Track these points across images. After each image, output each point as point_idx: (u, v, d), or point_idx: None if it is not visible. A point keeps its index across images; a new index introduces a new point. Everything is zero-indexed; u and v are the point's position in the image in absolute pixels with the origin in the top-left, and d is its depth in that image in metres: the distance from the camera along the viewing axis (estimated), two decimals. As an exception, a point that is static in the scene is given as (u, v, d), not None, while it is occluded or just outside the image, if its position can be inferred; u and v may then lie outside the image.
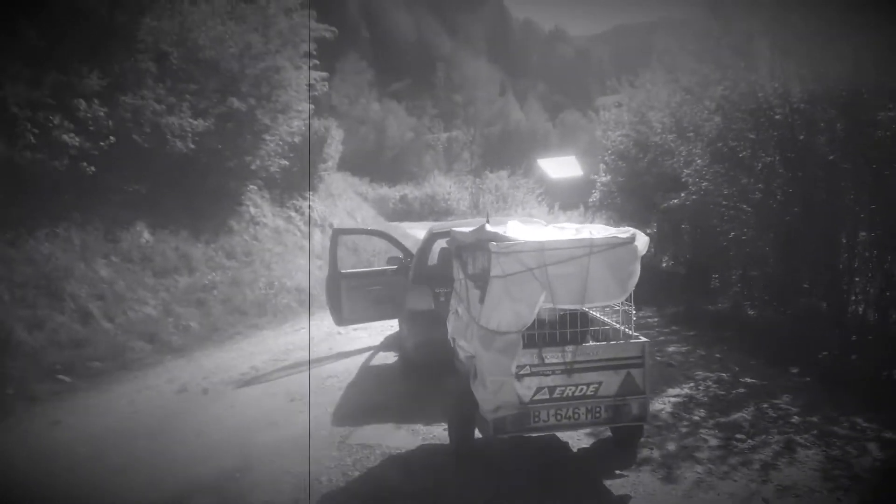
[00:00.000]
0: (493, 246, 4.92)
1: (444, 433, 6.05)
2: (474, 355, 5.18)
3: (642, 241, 5.14)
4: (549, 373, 5.05)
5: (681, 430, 6.17)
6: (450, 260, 6.64)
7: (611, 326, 5.66)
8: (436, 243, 8.30)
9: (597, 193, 19.14)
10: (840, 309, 8.94)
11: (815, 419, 6.28)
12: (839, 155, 9.24)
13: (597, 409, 5.17)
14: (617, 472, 5.33)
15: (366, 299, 9.19)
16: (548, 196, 32.78)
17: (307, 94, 17.26)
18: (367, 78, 52.08)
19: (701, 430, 6.17)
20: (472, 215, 27.69)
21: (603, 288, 5.00)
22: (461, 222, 9.14)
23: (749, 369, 7.95)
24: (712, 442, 5.89)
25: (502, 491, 5.13)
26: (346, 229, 15.46)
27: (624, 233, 5.13)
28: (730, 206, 11.70)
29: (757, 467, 5.34)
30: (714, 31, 11.10)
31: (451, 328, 6.17)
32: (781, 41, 10.02)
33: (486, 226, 5.28)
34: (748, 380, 7.57)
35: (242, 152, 15.02)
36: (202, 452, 6.08)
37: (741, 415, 6.48)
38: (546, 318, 5.40)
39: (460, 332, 5.77)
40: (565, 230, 5.71)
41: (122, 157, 12.13)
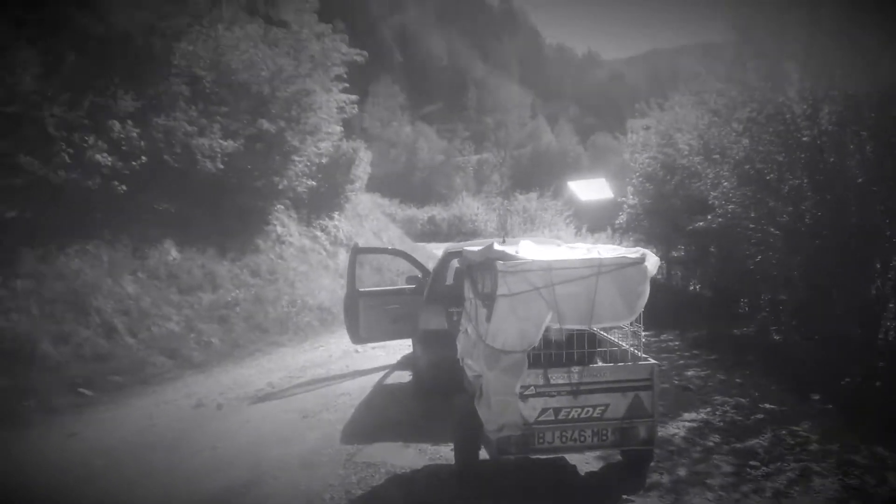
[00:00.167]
0: (499, 264, 4.91)
1: (451, 453, 5.97)
2: (480, 374, 5.15)
3: (652, 261, 5.08)
4: (555, 394, 4.99)
5: (693, 456, 6.02)
6: (463, 279, 6.63)
7: (619, 348, 5.58)
8: (452, 263, 8.30)
9: (623, 216, 19.01)
10: (870, 335, 8.66)
11: (835, 447, 6.07)
12: (870, 178, 9.04)
13: (603, 431, 5.08)
14: (624, 496, 5.21)
15: (383, 318, 9.20)
16: (576, 218, 32.65)
17: (336, 116, 17.58)
18: (400, 101, 52.73)
19: (714, 455, 6.01)
20: (499, 237, 27.62)
21: (611, 308, 4.95)
22: (477, 242, 9.12)
23: (769, 395, 7.74)
24: (725, 468, 5.73)
25: (505, 513, 5.06)
26: (365, 248, 15.52)
27: (633, 253, 5.07)
28: (757, 230, 11.50)
29: (769, 495, 5.19)
30: (742, 55, 11.00)
31: (461, 347, 6.15)
32: (812, 63, 9.92)
33: (495, 244, 5.27)
34: (767, 406, 7.37)
35: (271, 173, 15.25)
36: (213, 466, 6.13)
37: (757, 441, 6.30)
38: (553, 338, 5.34)
39: (468, 351, 5.75)
40: (576, 250, 5.68)
41: (153, 176, 12.45)
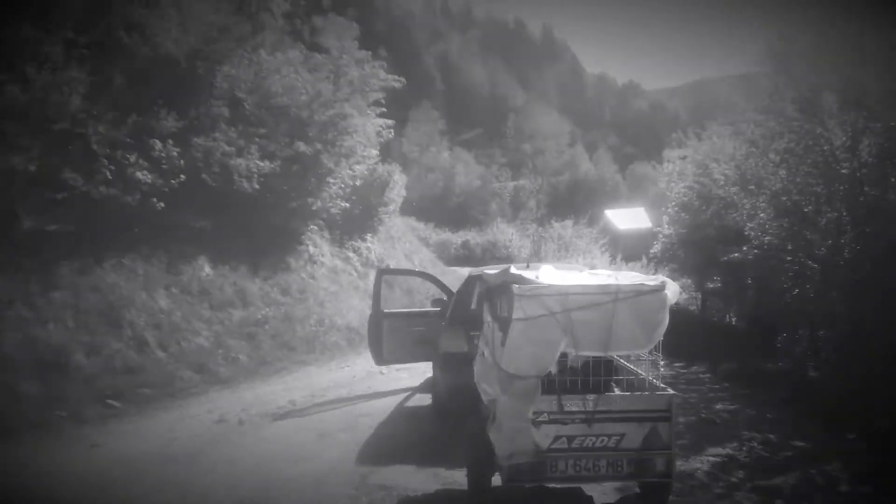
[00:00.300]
0: (516, 288, 4.87)
1: (465, 478, 5.87)
2: (494, 399, 5.08)
3: (672, 290, 4.97)
4: (569, 421, 4.89)
5: (715, 492, 5.83)
6: (482, 302, 6.59)
7: (636, 376, 5.45)
8: (474, 286, 8.26)
9: (658, 245, 18.75)
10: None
11: (867, 489, 5.81)
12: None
13: (619, 462, 4.95)
14: (641, 531, 5.06)
15: (407, 340, 9.20)
16: (611, 247, 32.24)
17: (371, 139, 17.82)
18: (439, 127, 53.14)
19: (737, 492, 5.80)
20: (535, 262, 27.42)
21: (629, 336, 4.84)
22: (504, 266, 9.04)
23: (801, 432, 7.45)
24: (747, 507, 5.53)
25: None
26: (391, 269, 15.60)
27: (653, 281, 4.98)
28: (794, 262, 11.21)
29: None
30: (778, 85, 10.85)
31: (477, 371, 6.08)
32: (851, 94, 9.72)
33: (512, 268, 5.23)
34: (798, 443, 7.09)
35: (306, 194, 15.47)
36: (228, 482, 6.16)
37: (784, 479, 6.05)
38: (570, 364, 5.25)
39: (484, 374, 5.68)
40: (597, 276, 5.61)
41: (191, 194, 12.78)
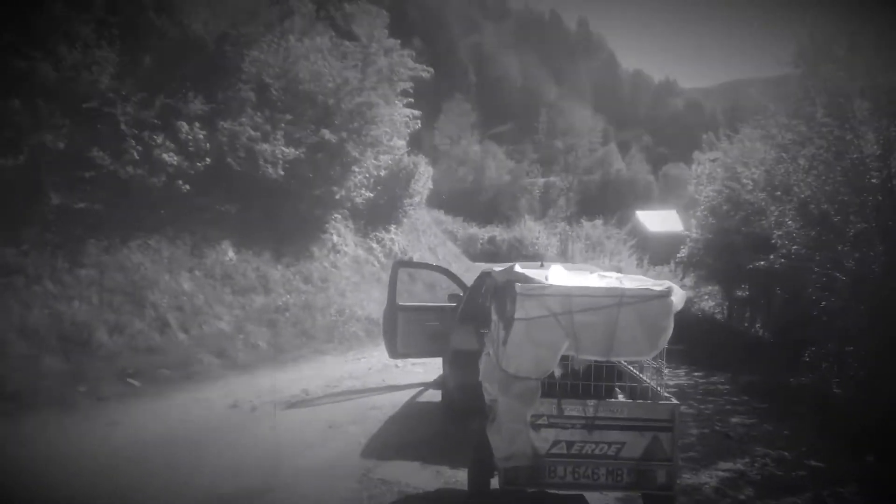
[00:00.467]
0: (518, 287, 4.81)
1: (467, 478, 5.86)
2: (495, 399, 5.04)
3: (679, 296, 4.85)
4: (569, 426, 4.81)
5: (721, 508, 5.70)
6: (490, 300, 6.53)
7: (639, 384, 5.34)
8: (487, 283, 8.19)
9: (685, 249, 18.47)
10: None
11: (879, 515, 5.63)
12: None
13: (619, 471, 4.85)
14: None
15: (421, 334, 9.16)
16: (639, 249, 31.88)
17: (398, 129, 17.82)
18: (471, 120, 52.94)
19: (743, 510, 5.68)
20: (560, 261, 27.26)
21: (632, 341, 4.75)
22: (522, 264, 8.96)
23: (818, 451, 7.25)
24: (753, 525, 5.40)
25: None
26: (407, 262, 15.57)
27: (659, 286, 4.87)
28: (822, 273, 10.92)
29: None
30: (808, 89, 10.54)
31: (482, 369, 6.03)
32: (884, 101, 9.41)
33: (517, 266, 5.17)
34: (813, 462, 6.90)
35: (330, 182, 15.55)
36: (233, 468, 6.21)
37: (794, 500, 5.89)
38: (575, 368, 5.16)
39: (487, 374, 5.63)
40: (606, 279, 5.51)
41: (216, 178, 12.94)
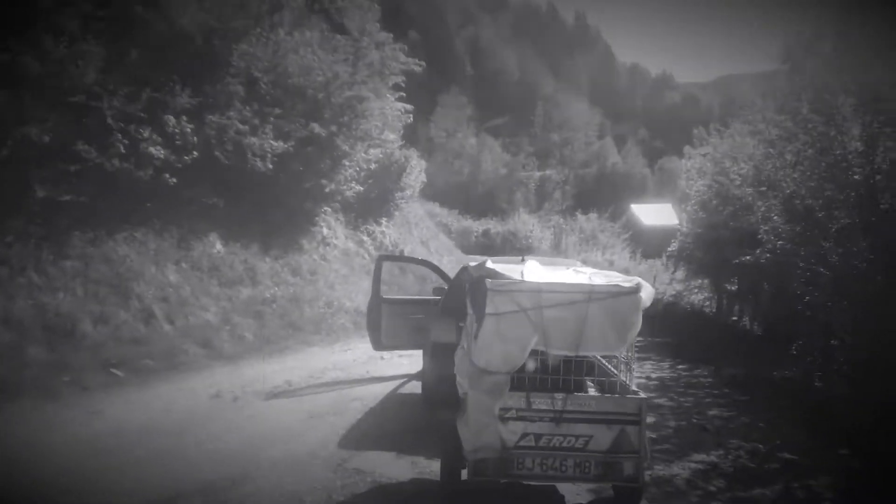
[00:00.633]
0: (488, 283, 4.87)
1: (441, 469, 5.93)
2: (466, 392, 5.10)
3: (647, 292, 4.92)
4: (536, 419, 4.88)
5: (691, 500, 5.76)
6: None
7: (607, 378, 5.39)
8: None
9: (676, 243, 18.54)
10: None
11: (847, 507, 5.70)
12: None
13: (586, 463, 4.92)
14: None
15: (405, 326, 9.23)
16: (633, 242, 31.96)
17: (390, 123, 17.82)
18: (467, 113, 52.86)
19: (713, 502, 5.73)
20: (552, 255, 27.33)
21: (600, 337, 4.81)
22: (503, 259, 9.00)
23: (792, 444, 7.31)
24: (721, 516, 5.47)
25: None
26: (389, 256, 15.58)
27: (628, 282, 4.93)
28: (806, 268, 10.98)
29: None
30: (794, 85, 10.59)
31: (457, 362, 6.09)
32: (867, 96, 9.45)
33: (489, 262, 5.22)
34: (786, 455, 6.97)
35: (320, 175, 15.55)
36: (212, 457, 6.27)
37: (763, 492, 5.96)
38: (545, 361, 5.20)
39: (461, 367, 5.69)
40: (581, 274, 5.55)
41: (204, 171, 12.94)
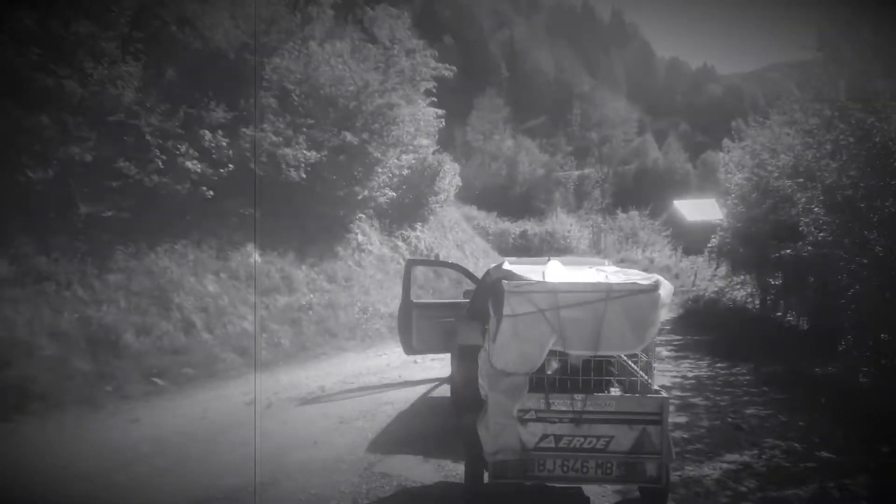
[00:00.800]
0: (505, 284, 4.87)
1: (467, 472, 5.94)
2: (486, 394, 5.11)
3: (666, 289, 4.85)
4: (556, 420, 4.85)
5: (720, 501, 5.62)
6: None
7: (628, 378, 5.31)
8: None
9: (716, 239, 18.13)
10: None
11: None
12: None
13: (608, 464, 4.88)
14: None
15: (436, 330, 9.24)
16: (674, 238, 31.35)
17: (422, 128, 17.95)
18: (503, 115, 52.68)
19: (743, 502, 5.59)
20: (591, 254, 27.05)
21: (618, 336, 4.77)
22: (531, 260, 8.97)
23: (831, 443, 7.06)
24: (751, 518, 5.33)
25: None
26: (418, 260, 15.68)
27: (646, 280, 4.87)
28: (850, 260, 10.63)
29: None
30: (831, 73, 10.29)
31: (480, 365, 6.11)
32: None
33: (505, 263, 5.23)
34: (824, 454, 6.73)
35: (354, 183, 15.77)
36: (242, 463, 6.39)
37: (796, 492, 5.77)
38: (568, 362, 5.16)
39: (482, 370, 5.70)
40: (598, 273, 5.50)
41: (239, 183, 13.24)
